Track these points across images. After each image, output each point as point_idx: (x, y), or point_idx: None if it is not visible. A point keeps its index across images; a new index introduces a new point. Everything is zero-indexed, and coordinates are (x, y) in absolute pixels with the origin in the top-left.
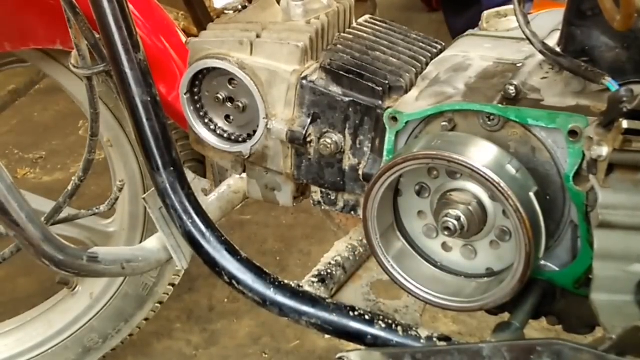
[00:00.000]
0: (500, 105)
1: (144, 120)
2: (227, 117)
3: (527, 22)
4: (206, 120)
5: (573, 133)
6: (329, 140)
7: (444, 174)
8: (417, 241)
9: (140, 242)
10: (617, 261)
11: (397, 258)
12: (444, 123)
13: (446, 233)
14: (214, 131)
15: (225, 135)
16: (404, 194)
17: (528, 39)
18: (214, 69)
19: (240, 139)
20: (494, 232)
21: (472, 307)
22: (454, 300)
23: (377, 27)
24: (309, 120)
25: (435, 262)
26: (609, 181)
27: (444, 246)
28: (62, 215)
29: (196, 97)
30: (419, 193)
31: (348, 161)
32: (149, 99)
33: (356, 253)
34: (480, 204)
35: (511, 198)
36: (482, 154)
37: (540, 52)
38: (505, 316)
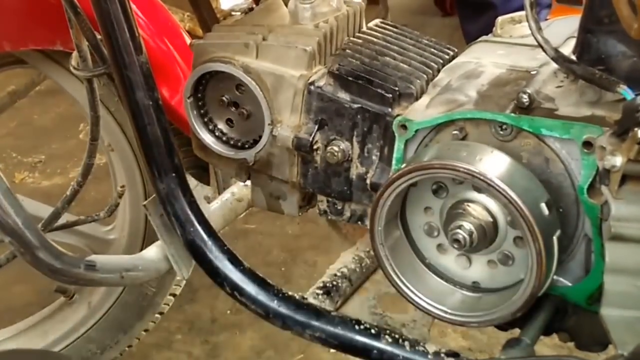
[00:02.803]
0: (513, 115)
1: (146, 124)
2: (229, 121)
3: (539, 29)
4: (210, 126)
5: (587, 144)
6: (336, 148)
7: (468, 184)
8: (430, 259)
9: (141, 250)
10: (629, 275)
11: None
12: (455, 132)
13: (455, 246)
14: (217, 137)
15: (230, 141)
16: (418, 187)
17: (540, 45)
18: (219, 72)
19: (245, 146)
20: (496, 254)
21: (483, 321)
22: (469, 316)
23: (387, 32)
24: (315, 127)
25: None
26: (622, 192)
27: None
28: (61, 221)
29: (200, 102)
30: (435, 191)
31: (355, 170)
32: (151, 102)
33: (363, 265)
34: (495, 224)
35: (522, 209)
36: (493, 164)
37: (553, 59)
38: (516, 332)
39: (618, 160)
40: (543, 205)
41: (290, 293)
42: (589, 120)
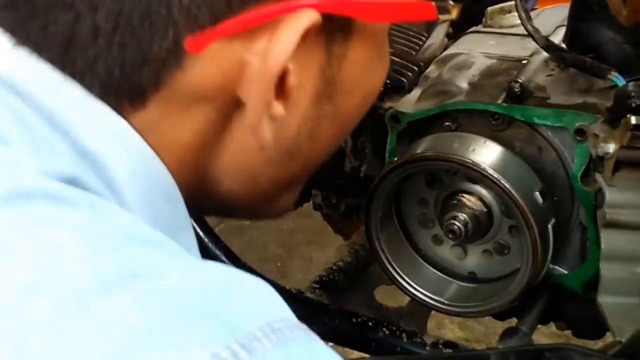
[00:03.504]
0: (505, 104)
1: None
2: None
3: (529, 18)
4: None
5: (580, 132)
6: None
7: (462, 175)
8: (426, 251)
9: None
10: (624, 262)
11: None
12: (447, 123)
13: (450, 236)
14: None
15: None
16: (412, 179)
17: (530, 35)
18: None
19: None
20: (491, 243)
21: (480, 311)
22: (466, 306)
23: None
24: None
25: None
26: (616, 179)
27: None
28: None
29: None
30: (429, 183)
31: (349, 163)
32: None
33: (359, 258)
34: (489, 213)
35: (516, 198)
36: (486, 154)
37: (543, 48)
38: (513, 321)
39: (611, 147)
40: (537, 194)
41: (287, 288)
42: (581, 108)
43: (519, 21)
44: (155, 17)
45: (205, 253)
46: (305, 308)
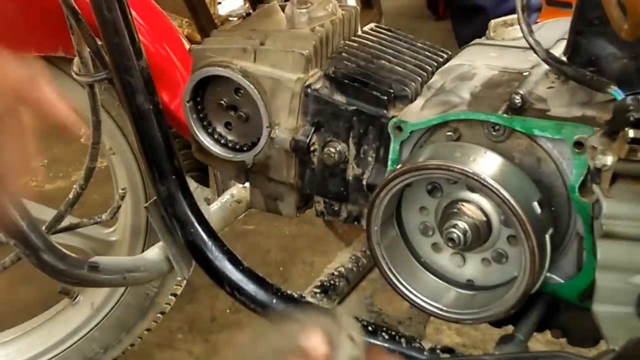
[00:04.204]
0: (505, 115)
1: (146, 128)
2: (228, 125)
3: (531, 31)
4: (209, 129)
5: (579, 144)
6: (332, 150)
7: (462, 184)
8: (426, 258)
9: (142, 251)
10: (619, 272)
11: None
12: (449, 133)
13: (450, 244)
14: (216, 140)
15: (228, 144)
16: (413, 187)
17: (532, 47)
18: (217, 76)
19: (244, 148)
20: (490, 252)
21: (477, 318)
22: (464, 313)
23: (382, 36)
24: (312, 129)
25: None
26: (613, 191)
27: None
28: (64, 223)
29: (199, 106)
30: (430, 191)
31: (352, 171)
32: (151, 106)
33: (359, 264)
34: (489, 223)
35: (515, 208)
36: (486, 164)
37: (544, 60)
38: (509, 329)
39: (609, 160)
40: (535, 204)
41: (288, 292)
42: (580, 121)
43: (521, 34)
44: None
45: (210, 256)
46: (305, 312)
